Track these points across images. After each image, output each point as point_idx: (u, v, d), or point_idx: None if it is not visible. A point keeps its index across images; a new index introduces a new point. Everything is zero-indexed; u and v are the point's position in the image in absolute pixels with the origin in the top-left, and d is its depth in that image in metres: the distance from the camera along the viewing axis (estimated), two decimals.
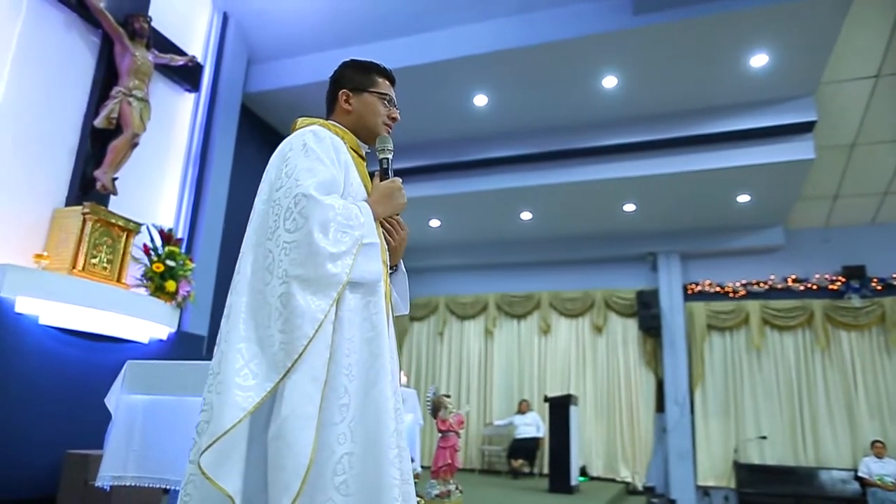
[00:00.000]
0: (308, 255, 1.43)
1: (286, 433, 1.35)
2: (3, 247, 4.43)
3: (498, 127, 7.84)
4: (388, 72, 1.90)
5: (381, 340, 1.54)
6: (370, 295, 1.57)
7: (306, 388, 1.38)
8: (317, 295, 1.43)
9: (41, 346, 4.27)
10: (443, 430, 3.70)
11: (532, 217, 9.20)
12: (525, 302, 10.40)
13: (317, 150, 1.59)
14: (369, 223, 1.59)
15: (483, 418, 10.13)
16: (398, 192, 1.72)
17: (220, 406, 1.36)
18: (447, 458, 3.59)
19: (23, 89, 4.69)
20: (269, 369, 1.39)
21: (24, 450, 4.00)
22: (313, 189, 1.49)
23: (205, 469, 1.33)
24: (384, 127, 1.84)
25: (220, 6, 6.86)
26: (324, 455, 1.39)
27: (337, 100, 1.84)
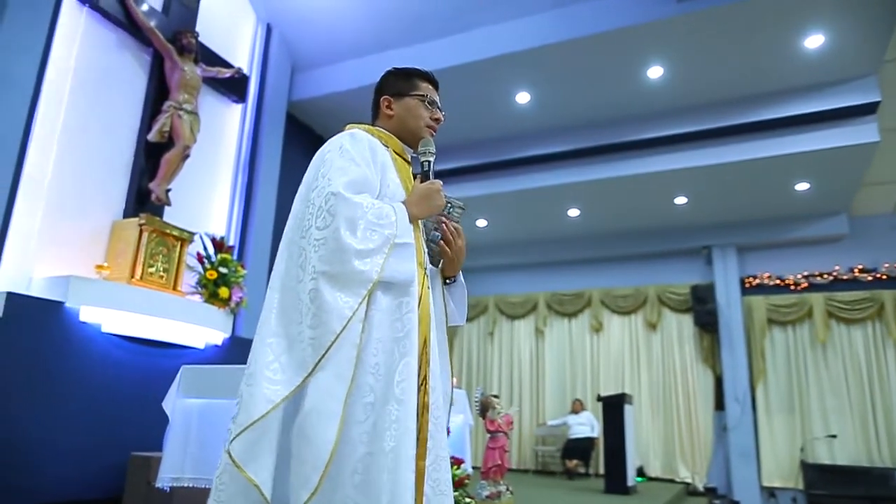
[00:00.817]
0: (335, 251, 1.45)
1: (307, 428, 1.37)
2: (67, 258, 4.64)
3: (542, 124, 7.76)
4: (429, 75, 1.91)
5: (410, 341, 1.53)
6: (402, 295, 1.56)
7: (331, 384, 1.40)
8: (344, 291, 1.44)
9: (105, 353, 4.45)
10: (491, 431, 3.67)
11: (580, 214, 9.06)
12: (576, 300, 10.25)
13: (351, 151, 1.61)
14: (403, 223, 1.58)
15: (536, 418, 10.03)
16: (436, 193, 1.70)
17: (249, 397, 1.39)
18: (497, 458, 3.55)
19: (82, 108, 4.91)
20: (298, 364, 1.41)
21: (91, 452, 4.18)
22: (342, 188, 1.51)
23: (234, 456, 1.37)
24: (427, 129, 1.85)
25: (264, 18, 7.02)
26: (346, 452, 1.40)
27: (380, 106, 1.87)
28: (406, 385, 1.48)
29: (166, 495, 3.55)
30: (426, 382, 1.60)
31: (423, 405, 1.57)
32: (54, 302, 4.20)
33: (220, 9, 6.39)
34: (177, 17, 5.74)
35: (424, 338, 1.62)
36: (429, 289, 1.72)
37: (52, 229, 4.60)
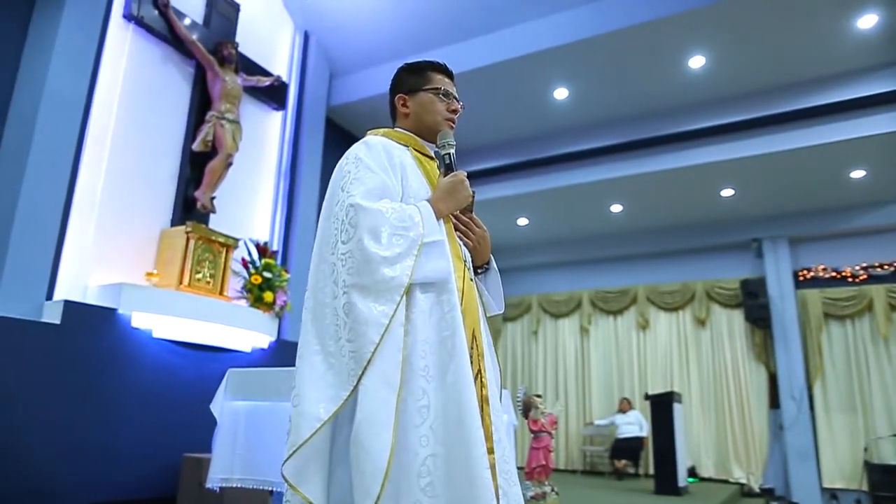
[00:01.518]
0: (361, 263, 1.44)
1: (361, 438, 1.36)
2: (119, 267, 4.81)
3: (581, 119, 7.65)
4: (441, 65, 1.88)
5: (457, 339, 1.50)
6: (442, 293, 1.54)
7: (379, 392, 1.38)
8: (379, 300, 1.43)
9: (156, 358, 4.60)
10: (535, 431, 3.62)
11: (623, 209, 8.89)
12: (620, 297, 10.06)
13: (365, 160, 1.60)
14: (430, 222, 1.57)
15: (582, 418, 9.88)
16: (461, 185, 1.68)
17: (297, 417, 1.40)
18: (541, 458, 3.51)
19: (130, 121, 5.09)
20: (342, 379, 1.41)
21: (145, 453, 4.32)
22: (360, 198, 1.50)
23: (288, 478, 1.38)
24: (445, 122, 1.80)
25: (301, 26, 7.13)
26: (407, 458, 1.38)
27: (395, 106, 1.86)
28: (461, 384, 1.45)
29: (217, 495, 3.63)
30: (481, 376, 1.59)
31: (482, 398, 1.56)
32: (108, 309, 4.37)
33: (258, 19, 6.52)
34: (217, 29, 5.89)
35: (473, 331, 1.61)
36: (471, 281, 1.70)
37: (105, 239, 4.77)
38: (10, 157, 4.30)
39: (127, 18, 5.14)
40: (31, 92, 4.41)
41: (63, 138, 4.46)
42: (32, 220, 4.18)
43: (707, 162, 7.27)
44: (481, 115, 7.61)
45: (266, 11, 6.68)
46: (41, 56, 4.49)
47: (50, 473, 3.78)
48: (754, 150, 6.99)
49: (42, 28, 4.58)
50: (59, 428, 3.87)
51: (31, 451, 3.71)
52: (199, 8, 5.85)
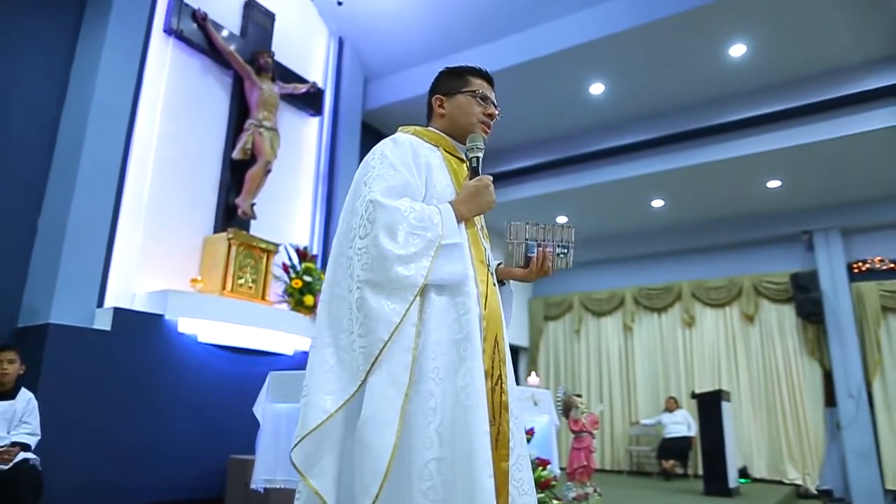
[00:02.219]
0: (376, 259, 1.44)
1: (364, 436, 1.37)
2: (166, 274, 4.95)
3: (618, 114, 7.52)
4: (481, 71, 1.88)
5: (470, 343, 1.49)
6: (457, 296, 1.53)
7: (385, 391, 1.38)
8: (391, 298, 1.43)
9: (202, 362, 4.72)
10: (576, 431, 3.57)
11: (664, 204, 8.70)
12: (664, 294, 9.84)
13: (390, 157, 1.60)
14: (450, 224, 1.55)
15: (628, 417, 9.71)
16: (485, 189, 1.65)
17: (305, 407, 1.42)
18: (582, 459, 3.46)
19: (172, 131, 5.23)
20: (351, 374, 1.42)
21: (193, 455, 4.44)
22: (380, 194, 1.50)
23: (296, 463, 1.40)
24: (479, 125, 1.80)
25: (335, 32, 7.21)
26: (409, 459, 1.38)
27: (432, 106, 1.86)
28: (471, 389, 1.44)
29: (263, 496, 3.70)
30: (502, 382, 1.57)
31: (501, 405, 1.54)
32: (155, 315, 4.50)
33: (293, 27, 6.63)
34: (253, 39, 6.01)
35: (496, 336, 1.60)
36: (495, 286, 1.69)
37: (151, 247, 4.92)
38: (62, 170, 4.48)
39: (167, 33, 5.29)
40: (80, 106, 4.58)
41: (110, 150, 4.61)
42: (83, 230, 4.33)
43: (752, 153, 7.05)
44: (517, 113, 7.55)
45: (301, 19, 6.78)
46: (88, 72, 4.65)
47: (102, 474, 3.91)
48: (801, 140, 6.74)
49: (88, 46, 4.76)
50: (110, 430, 4.00)
51: (85, 453, 3.85)
52: (236, 19, 5.98)
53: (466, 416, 1.41)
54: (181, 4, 5.34)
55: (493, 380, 1.55)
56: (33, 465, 3.11)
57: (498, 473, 1.48)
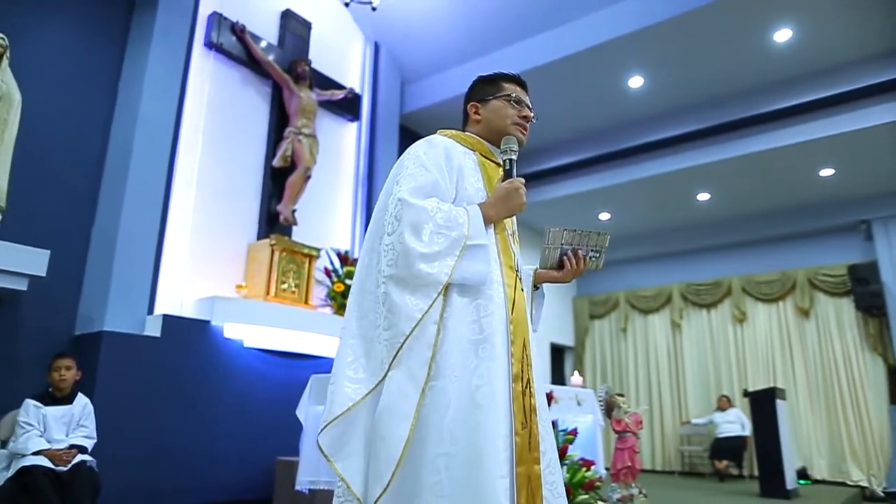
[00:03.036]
0: (401, 255, 1.49)
1: (380, 426, 1.41)
2: (211, 281, 5.09)
3: (659, 106, 7.34)
4: (514, 76, 1.90)
5: (490, 344, 1.51)
6: (478, 297, 1.56)
7: (403, 384, 1.43)
8: (414, 294, 1.47)
9: (248, 366, 4.83)
10: (619, 431, 3.51)
11: (711, 197, 8.46)
12: (713, 289, 9.56)
13: (423, 158, 1.64)
14: (476, 225, 1.57)
15: (678, 417, 9.47)
16: (515, 192, 1.66)
17: (331, 395, 1.48)
18: (626, 459, 3.39)
19: (215, 142, 5.38)
20: (376, 364, 1.47)
21: (242, 457, 4.54)
22: (408, 193, 1.55)
23: (322, 447, 1.46)
24: (514, 127, 1.81)
25: (371, 37, 7.28)
26: (420, 453, 1.41)
27: (468, 113, 1.89)
28: (487, 390, 1.46)
29: (309, 497, 3.76)
30: (530, 385, 1.59)
31: (530, 408, 1.56)
32: (202, 321, 4.63)
33: (329, 34, 6.72)
34: (291, 48, 6.13)
35: (523, 340, 1.61)
36: (522, 291, 1.70)
37: (198, 255, 5.06)
38: (112, 183, 4.66)
39: (208, 46, 5.44)
40: (127, 120, 4.75)
41: (156, 162, 4.77)
42: (133, 240, 4.50)
43: (801, 141, 6.78)
44: (555, 110, 7.47)
45: (337, 27, 6.87)
46: (134, 87, 4.83)
47: (155, 476, 4.05)
48: (855, 125, 6.44)
49: (134, 62, 4.93)
50: (162, 433, 4.14)
51: (139, 455, 3.99)
52: (273, 29, 6.10)
53: (479, 416, 1.44)
54: (220, 18, 5.49)
55: (522, 383, 1.56)
56: (90, 466, 3.24)
57: (532, 477, 1.50)
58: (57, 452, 3.14)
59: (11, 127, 3.95)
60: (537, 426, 1.56)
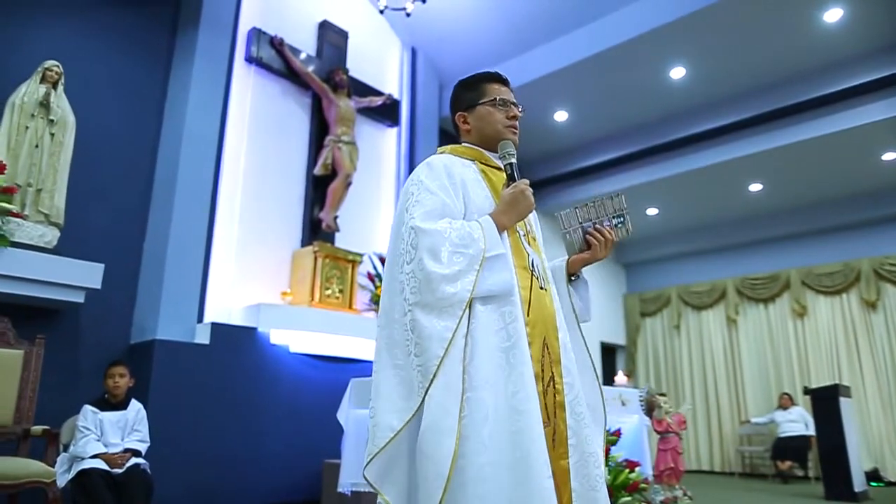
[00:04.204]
0: (423, 282, 1.50)
1: (425, 445, 1.42)
2: (258, 288, 5.24)
3: (703, 96, 7.13)
4: (494, 74, 1.88)
5: (517, 349, 1.52)
6: (504, 305, 1.56)
7: (443, 401, 1.43)
8: (441, 316, 1.49)
9: (294, 371, 4.95)
10: (660, 432, 3.42)
11: (763, 187, 8.15)
12: (770, 283, 9.19)
13: (426, 182, 1.65)
14: (492, 236, 1.58)
15: (737, 416, 9.14)
16: (521, 196, 1.66)
17: (374, 427, 1.50)
18: (669, 461, 3.30)
19: (257, 153, 5.54)
20: (412, 392, 1.47)
21: (290, 460, 4.66)
22: (419, 220, 1.57)
23: (371, 481, 1.49)
24: (506, 130, 1.80)
25: (408, 43, 7.35)
26: (465, 465, 1.41)
27: (457, 124, 1.89)
28: (523, 395, 1.48)
29: (354, 499, 3.82)
30: (554, 383, 1.60)
31: (556, 405, 1.58)
32: (249, 328, 4.78)
33: (366, 42, 6.82)
34: (329, 58, 6.25)
35: (544, 339, 1.62)
36: (542, 290, 1.69)
37: (244, 264, 5.22)
38: (161, 197, 4.86)
39: (248, 61, 5.61)
40: (174, 137, 4.95)
41: (202, 175, 4.95)
42: (182, 252, 4.68)
43: (859, 125, 6.46)
44: (596, 105, 7.36)
45: (373, 34, 6.96)
46: (179, 105, 5.03)
47: (206, 478, 4.20)
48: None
49: (178, 81, 5.14)
50: (213, 437, 4.29)
51: (191, 458, 4.14)
52: (311, 41, 6.24)
53: (521, 421, 1.45)
54: (260, 33, 5.65)
55: (544, 382, 1.58)
56: (144, 469, 3.39)
57: (558, 472, 1.52)
58: (112, 456, 3.30)
59: (67, 148, 4.20)
60: (564, 422, 1.58)
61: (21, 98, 4.05)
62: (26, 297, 3.80)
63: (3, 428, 3.40)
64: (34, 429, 3.43)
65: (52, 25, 4.59)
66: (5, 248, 3.65)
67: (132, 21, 5.05)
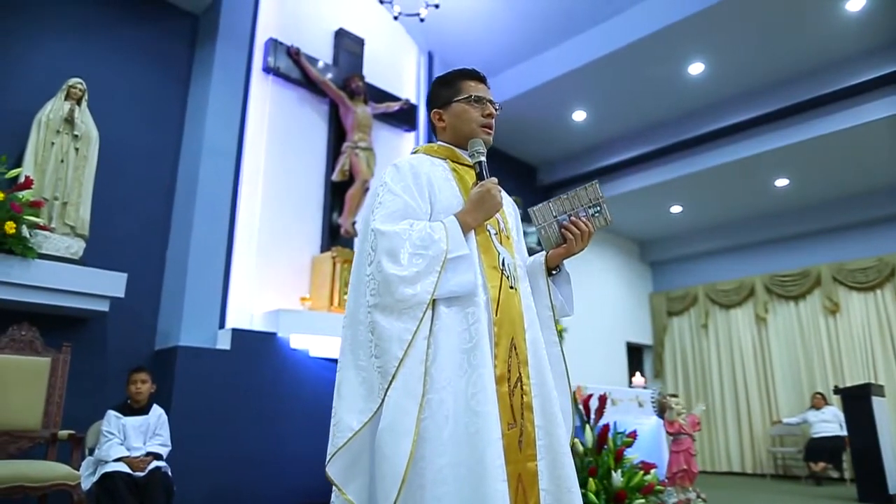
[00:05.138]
0: (382, 284, 1.51)
1: (382, 445, 1.42)
2: (277, 294, 5.33)
3: (723, 91, 7.01)
4: (470, 72, 1.88)
5: (480, 351, 1.52)
6: (467, 306, 1.56)
7: (401, 402, 1.44)
8: (401, 318, 1.49)
9: (314, 375, 5.02)
10: (672, 433, 3.38)
11: (789, 182, 7.98)
12: (800, 280, 8.99)
13: (390, 184, 1.67)
14: (455, 237, 1.58)
15: (768, 416, 8.95)
16: (488, 195, 1.65)
17: (333, 427, 1.51)
18: (682, 462, 3.26)
19: (276, 161, 5.63)
20: (372, 393, 1.48)
21: (309, 462, 4.71)
22: (379, 222, 1.58)
23: (332, 478, 1.49)
24: (480, 129, 1.80)
25: (424, 47, 7.39)
26: (423, 466, 1.42)
27: (433, 121, 1.90)
28: (482, 396, 1.47)
29: None
30: (520, 384, 1.60)
31: (523, 405, 1.58)
32: (268, 333, 4.87)
33: (382, 48, 6.88)
34: (345, 66, 6.32)
35: (511, 339, 1.62)
36: (512, 289, 1.69)
37: (265, 270, 5.32)
38: (182, 208, 4.99)
39: (266, 71, 5.72)
40: (194, 148, 5.08)
41: (222, 185, 5.06)
42: (203, 260, 4.79)
43: (888, 115, 6.29)
44: (614, 104, 7.30)
45: (390, 40, 7.02)
46: (199, 115, 5.15)
47: (227, 481, 4.29)
48: None
49: (198, 93, 5.27)
50: (234, 440, 4.38)
51: (213, 461, 4.24)
52: (328, 49, 6.33)
53: (478, 423, 1.45)
54: (276, 44, 5.75)
55: (510, 383, 1.58)
56: (165, 472, 3.48)
57: (524, 474, 1.53)
58: (134, 459, 3.41)
59: (90, 162, 4.35)
60: (532, 423, 1.58)
61: (47, 115, 4.21)
62: (53, 306, 3.95)
63: (32, 432, 3.54)
64: (61, 433, 3.56)
65: (76, 43, 4.75)
66: (33, 260, 3.80)
67: (152, 36, 5.20)
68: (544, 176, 8.71)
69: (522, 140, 8.08)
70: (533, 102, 7.23)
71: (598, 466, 3.27)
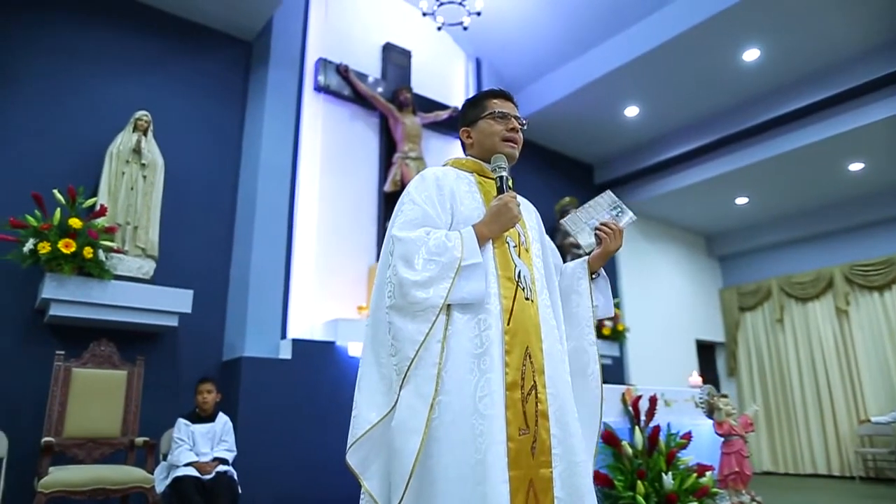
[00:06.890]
0: (397, 287, 1.62)
1: (394, 442, 1.53)
2: (336, 303, 5.52)
3: (783, 76, 6.70)
4: (495, 91, 1.98)
5: (489, 356, 1.59)
6: (479, 313, 1.64)
7: (412, 402, 1.54)
8: (415, 320, 1.58)
9: None
10: (722, 435, 3.27)
11: (864, 166, 7.52)
12: (884, 269, 8.42)
13: (413, 194, 1.78)
14: (470, 246, 1.66)
15: (854, 415, 8.43)
16: (504, 208, 1.73)
17: (354, 419, 1.63)
18: (733, 464, 3.16)
19: (331, 176, 5.84)
20: (390, 388, 1.59)
21: None
22: (397, 229, 1.69)
23: (352, 467, 1.61)
24: (504, 144, 1.89)
25: (472, 54, 7.47)
26: (429, 465, 1.50)
27: (462, 139, 2.01)
28: (489, 400, 1.54)
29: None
30: (535, 392, 1.64)
31: (538, 413, 1.63)
32: (327, 342, 5.05)
33: (430, 58, 7.01)
34: (394, 79, 6.49)
35: (525, 348, 1.66)
36: (528, 300, 1.73)
37: (323, 281, 5.52)
38: (243, 226, 5.27)
39: (317, 90, 5.95)
40: (251, 169, 5.35)
41: (279, 202, 5.31)
42: (264, 275, 5.04)
43: None
44: (667, 97, 7.12)
45: (437, 49, 7.14)
46: (255, 138, 5.43)
47: (291, 485, 4.49)
48: None
49: (253, 116, 5.56)
50: (296, 446, 4.58)
51: (277, 467, 4.45)
52: (376, 64, 6.51)
53: (483, 425, 1.52)
54: (326, 63, 5.98)
55: (524, 390, 1.62)
56: (230, 476, 3.71)
57: (537, 480, 1.57)
58: (202, 464, 3.64)
59: (157, 188, 4.68)
60: (547, 431, 1.62)
61: (117, 147, 4.56)
62: (128, 323, 4.28)
63: (113, 439, 3.85)
64: (137, 440, 3.86)
65: (141, 77, 5.12)
66: (109, 281, 4.14)
67: (210, 67, 5.52)
68: (601, 174, 8.58)
69: (576, 139, 8.00)
70: (584, 100, 7.16)
71: (647, 469, 3.22)
